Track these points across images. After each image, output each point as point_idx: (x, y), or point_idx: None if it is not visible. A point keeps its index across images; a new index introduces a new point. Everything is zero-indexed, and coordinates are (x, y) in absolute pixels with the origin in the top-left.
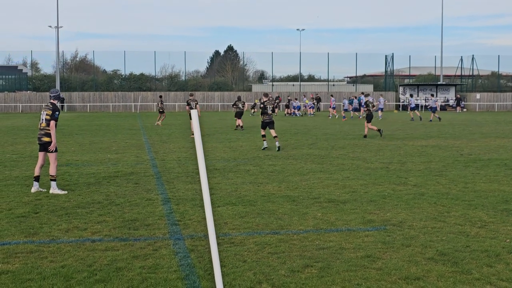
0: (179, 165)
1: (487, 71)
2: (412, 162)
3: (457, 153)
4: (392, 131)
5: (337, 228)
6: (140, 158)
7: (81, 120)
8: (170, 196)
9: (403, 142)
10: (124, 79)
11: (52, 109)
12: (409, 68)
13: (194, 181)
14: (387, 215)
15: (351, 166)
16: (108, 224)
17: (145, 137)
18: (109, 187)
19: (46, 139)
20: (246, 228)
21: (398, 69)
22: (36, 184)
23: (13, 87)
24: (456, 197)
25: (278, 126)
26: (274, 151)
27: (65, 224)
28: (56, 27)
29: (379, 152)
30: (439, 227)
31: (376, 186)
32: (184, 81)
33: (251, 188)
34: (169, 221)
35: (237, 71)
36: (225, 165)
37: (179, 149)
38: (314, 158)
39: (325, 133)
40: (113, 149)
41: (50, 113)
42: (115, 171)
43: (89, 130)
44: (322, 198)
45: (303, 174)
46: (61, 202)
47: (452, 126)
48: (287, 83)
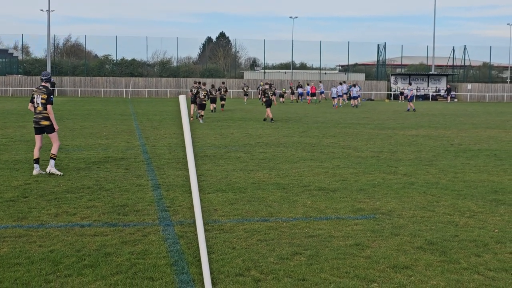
0: (169, 151)
1: (478, 62)
2: (402, 152)
3: (448, 143)
4: (383, 120)
5: (326, 216)
6: (130, 143)
7: (71, 105)
8: (160, 182)
9: (394, 132)
10: (116, 64)
11: (46, 93)
12: (401, 57)
13: (185, 168)
14: (377, 204)
15: (342, 155)
16: (97, 210)
17: (136, 123)
18: (99, 173)
19: (44, 122)
20: (235, 215)
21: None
22: (37, 166)
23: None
24: (446, 186)
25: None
26: (265, 138)
27: (54, 209)
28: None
29: (370, 141)
30: (428, 216)
31: (366, 175)
32: (176, 67)
33: (241, 175)
34: (158, 207)
35: (229, 58)
36: (216, 151)
37: (170, 135)
38: (305, 146)
39: (316, 121)
40: (104, 134)
41: (45, 97)
42: (106, 156)
43: (79, 115)
44: (312, 186)
45: (294, 162)
46: (51, 186)
47: (443, 116)
48: (279, 71)
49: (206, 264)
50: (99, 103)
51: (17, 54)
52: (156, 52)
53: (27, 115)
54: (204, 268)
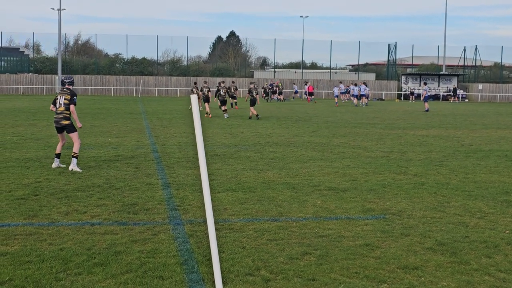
0: (179, 150)
1: (490, 62)
2: (412, 152)
3: (458, 144)
4: (393, 120)
5: (336, 216)
6: (140, 142)
7: (82, 103)
8: (170, 181)
9: (404, 132)
10: (126, 63)
11: (70, 94)
12: (412, 57)
13: (195, 167)
14: (387, 204)
15: (352, 155)
16: (107, 208)
17: (146, 122)
18: (109, 171)
19: (65, 122)
20: (245, 215)
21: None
22: (57, 160)
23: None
24: (456, 187)
25: (279, 113)
26: (275, 137)
27: (65, 207)
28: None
29: (380, 141)
30: (439, 217)
31: (376, 175)
32: (186, 66)
33: (251, 175)
34: (168, 206)
35: (239, 57)
36: (226, 151)
37: (180, 134)
38: (315, 145)
39: (326, 121)
40: (114, 133)
41: (69, 97)
42: (116, 155)
43: (90, 113)
44: (322, 186)
45: (304, 161)
46: (61, 185)
47: (453, 116)
48: (289, 70)
49: (217, 263)
50: (110, 102)
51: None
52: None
53: (38, 113)
54: (215, 268)
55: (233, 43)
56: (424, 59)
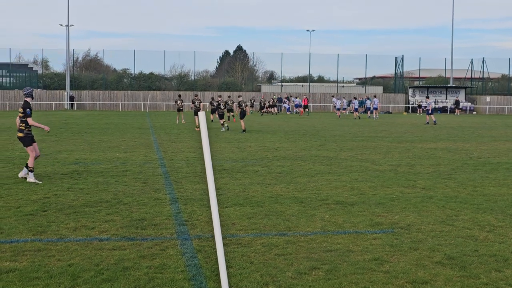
0: (187, 165)
1: (497, 74)
2: (421, 165)
3: (466, 156)
4: (401, 133)
5: (344, 231)
6: (148, 157)
7: (90, 119)
8: (178, 196)
9: (412, 145)
10: (134, 78)
11: (23, 107)
12: (419, 70)
13: (202, 181)
14: (395, 218)
15: (360, 168)
16: (115, 223)
17: (153, 137)
18: (117, 186)
19: (19, 134)
20: (253, 229)
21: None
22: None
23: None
24: (465, 200)
25: (286, 127)
26: (282, 151)
27: (73, 223)
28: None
29: (388, 154)
30: (448, 230)
31: (384, 189)
32: (194, 80)
33: (259, 189)
34: (176, 221)
35: (246, 71)
36: (233, 165)
37: (188, 149)
38: (322, 159)
39: (333, 134)
40: (122, 148)
41: (22, 110)
42: (124, 170)
43: (98, 128)
44: (330, 200)
45: (311, 175)
46: (69, 200)
47: (461, 129)
48: (296, 84)
49: (225, 278)
50: (117, 117)
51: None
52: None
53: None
54: (223, 283)
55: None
56: (432, 72)
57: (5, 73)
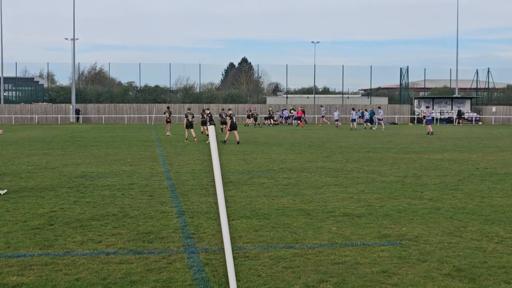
0: (193, 178)
1: (503, 84)
2: (427, 176)
3: (473, 167)
4: (407, 144)
5: (352, 243)
6: (154, 170)
7: (96, 132)
8: (184, 209)
9: (418, 156)
10: (139, 91)
11: None
12: (424, 80)
13: (209, 194)
14: (403, 230)
15: (366, 180)
16: (122, 237)
17: (159, 149)
18: (123, 199)
19: None
20: (260, 242)
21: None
22: None
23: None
24: (473, 211)
25: (292, 139)
26: (288, 163)
27: (80, 237)
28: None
29: (394, 166)
30: (456, 242)
31: (391, 200)
32: (199, 93)
33: (265, 201)
34: (183, 234)
35: (251, 83)
36: (240, 177)
37: (194, 162)
38: (328, 171)
39: (339, 146)
40: (128, 161)
41: None
42: (130, 183)
43: (104, 141)
44: (337, 211)
45: (318, 187)
46: (76, 214)
47: (467, 139)
48: (301, 96)
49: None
50: (123, 130)
51: (42, 82)
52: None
53: (52, 142)
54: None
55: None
56: (437, 83)
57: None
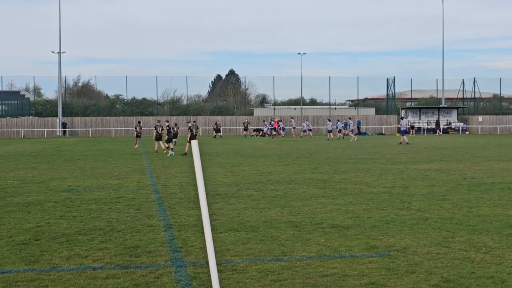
0: (181, 191)
1: (489, 94)
2: (415, 186)
3: (460, 177)
4: (394, 154)
5: (340, 255)
6: (141, 183)
7: (83, 145)
8: (172, 222)
9: (406, 166)
10: (126, 103)
11: None
12: (411, 91)
13: (196, 207)
14: (391, 241)
15: (354, 191)
16: (109, 251)
17: (147, 162)
18: (110, 213)
19: None
20: (248, 255)
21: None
22: None
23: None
24: (460, 222)
25: (279, 151)
26: (276, 175)
27: (66, 252)
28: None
29: (382, 176)
30: (444, 253)
31: (379, 211)
32: (186, 105)
33: (253, 214)
34: (171, 247)
35: (238, 95)
36: (227, 190)
37: (181, 174)
38: (316, 182)
39: (327, 157)
40: (115, 174)
41: None
42: (117, 196)
43: (91, 155)
44: (325, 223)
45: (306, 199)
46: (62, 229)
47: (454, 149)
48: (288, 107)
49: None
50: (110, 143)
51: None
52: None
53: (39, 156)
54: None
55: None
56: (423, 93)
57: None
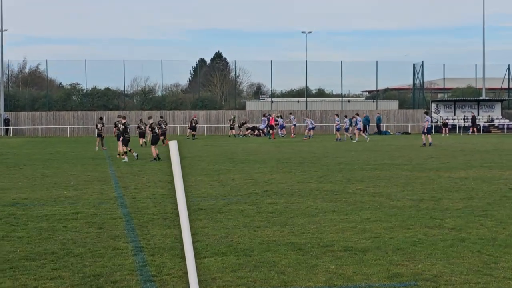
0: (154, 205)
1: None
2: (449, 199)
3: (506, 187)
4: (423, 159)
5: (355, 284)
6: (105, 195)
7: (30, 147)
8: (143, 245)
9: (437, 174)
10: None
11: None
12: (443, 79)
13: (174, 225)
14: (419, 268)
15: (372, 205)
16: (64, 281)
17: (111, 169)
18: (65, 233)
19: None
20: (239, 285)
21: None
22: None
23: None
24: (505, 243)
25: (279, 154)
26: (274, 185)
27: (10, 282)
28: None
29: (407, 186)
30: (485, 282)
31: (404, 230)
32: (161, 97)
33: (245, 234)
34: (142, 276)
35: (227, 84)
36: (213, 203)
37: (155, 184)
38: (325, 194)
39: (338, 162)
40: (71, 184)
41: None
42: (74, 212)
43: (40, 159)
44: (336, 245)
45: (312, 215)
46: (5, 253)
47: (498, 152)
48: (290, 99)
49: None
50: (65, 144)
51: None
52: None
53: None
54: None
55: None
56: (459, 82)
57: None
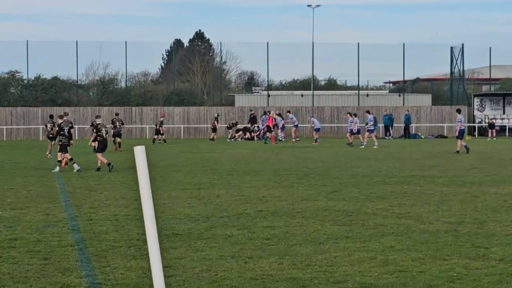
0: (116, 228)
1: None
2: (496, 222)
3: None
4: (462, 170)
5: None
6: (52, 216)
7: None
8: (100, 280)
9: (481, 189)
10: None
11: None
12: (490, 67)
13: (141, 255)
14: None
15: (397, 229)
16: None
17: (60, 182)
18: (0, 265)
19: None
20: None
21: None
22: None
23: None
24: None
25: (277, 163)
26: (271, 203)
27: None
28: None
29: (443, 205)
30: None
31: (438, 262)
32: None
33: (234, 266)
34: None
35: (210, 73)
36: (192, 227)
37: (116, 201)
38: (336, 215)
39: (353, 173)
40: (8, 201)
41: None
42: (11, 238)
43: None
44: (350, 281)
45: (319, 242)
46: None
47: None
48: (292, 93)
49: None
50: (0, 150)
51: None
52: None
53: None
54: None
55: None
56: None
57: None
